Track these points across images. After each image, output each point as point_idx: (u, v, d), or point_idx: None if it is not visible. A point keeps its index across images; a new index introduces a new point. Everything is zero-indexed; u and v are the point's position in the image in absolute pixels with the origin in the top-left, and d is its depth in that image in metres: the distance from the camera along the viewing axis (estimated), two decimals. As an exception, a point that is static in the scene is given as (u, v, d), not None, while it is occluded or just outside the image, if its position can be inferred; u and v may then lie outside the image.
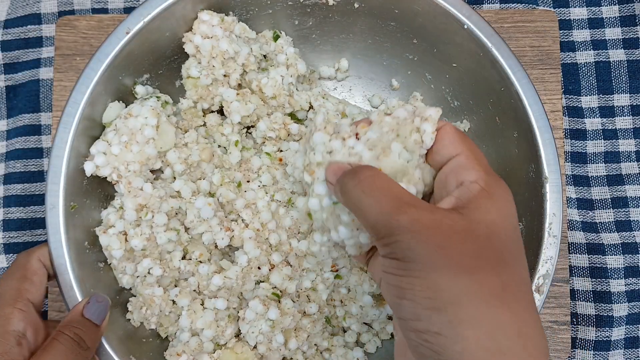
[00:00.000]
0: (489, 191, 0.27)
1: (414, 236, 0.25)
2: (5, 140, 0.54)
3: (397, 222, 0.26)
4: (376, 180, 0.28)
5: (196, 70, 0.45)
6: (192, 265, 0.44)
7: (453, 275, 0.25)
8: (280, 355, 0.43)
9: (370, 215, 0.27)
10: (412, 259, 0.25)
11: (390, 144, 0.31)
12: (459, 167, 0.29)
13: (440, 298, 0.25)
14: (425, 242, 0.25)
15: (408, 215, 0.26)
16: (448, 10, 0.43)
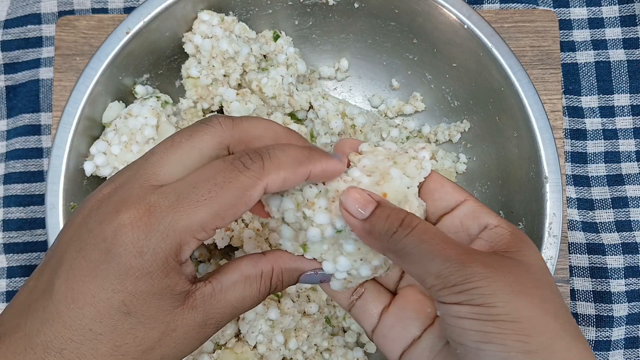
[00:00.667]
0: (518, 235, 0.29)
1: (492, 282, 0.25)
2: (5, 140, 0.54)
3: (470, 269, 0.25)
4: (429, 227, 0.27)
5: (196, 70, 0.45)
6: (192, 265, 0.44)
7: (542, 319, 0.25)
8: (280, 355, 0.43)
9: (434, 265, 0.26)
10: (495, 304, 0.25)
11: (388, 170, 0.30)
12: (474, 212, 0.30)
13: (535, 342, 0.25)
14: (506, 287, 0.25)
15: (479, 261, 0.26)
16: (448, 10, 0.43)
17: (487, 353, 0.25)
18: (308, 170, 0.30)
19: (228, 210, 0.28)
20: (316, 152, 0.31)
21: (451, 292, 0.26)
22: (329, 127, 0.45)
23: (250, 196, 0.28)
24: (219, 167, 0.28)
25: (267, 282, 0.31)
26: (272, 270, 0.31)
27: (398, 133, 0.50)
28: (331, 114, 0.46)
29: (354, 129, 0.46)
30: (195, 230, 0.27)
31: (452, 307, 0.26)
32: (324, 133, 0.46)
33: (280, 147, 0.30)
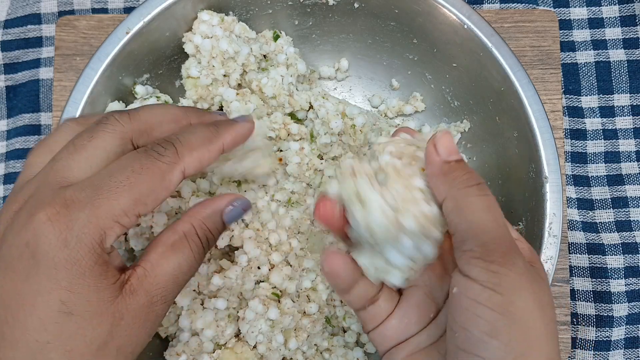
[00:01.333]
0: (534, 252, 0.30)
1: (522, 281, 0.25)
2: (5, 140, 0.54)
3: (513, 259, 0.26)
4: (497, 205, 0.27)
5: (196, 70, 0.45)
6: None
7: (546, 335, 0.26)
8: (280, 355, 0.43)
9: (486, 234, 0.26)
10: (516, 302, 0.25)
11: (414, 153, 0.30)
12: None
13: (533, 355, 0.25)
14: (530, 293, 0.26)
15: (522, 259, 0.26)
16: (448, 10, 0.43)
17: (487, 346, 0.25)
18: (220, 144, 0.32)
19: (149, 196, 0.28)
20: (222, 124, 0.32)
21: (484, 268, 0.25)
22: (329, 127, 0.45)
23: (169, 180, 0.29)
24: (134, 156, 0.29)
25: (194, 239, 0.30)
26: (193, 226, 0.31)
27: (398, 133, 0.50)
28: (331, 114, 0.46)
29: (354, 129, 0.46)
30: (117, 216, 0.27)
31: (475, 287, 0.25)
32: (324, 133, 0.46)
33: (189, 130, 0.31)
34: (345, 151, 0.47)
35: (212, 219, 0.32)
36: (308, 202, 0.46)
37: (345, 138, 0.46)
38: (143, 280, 0.28)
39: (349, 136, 0.46)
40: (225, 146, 0.32)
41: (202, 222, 0.31)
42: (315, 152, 0.46)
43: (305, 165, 0.46)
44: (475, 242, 0.26)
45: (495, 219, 0.26)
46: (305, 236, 0.45)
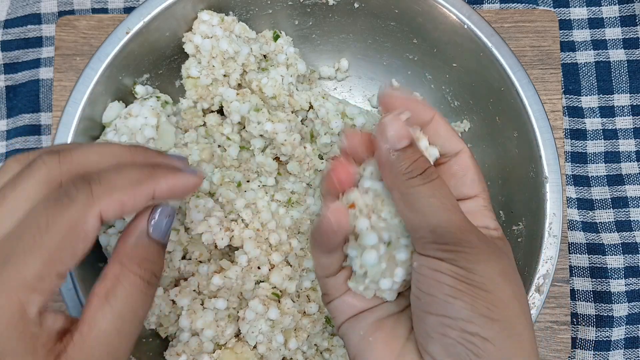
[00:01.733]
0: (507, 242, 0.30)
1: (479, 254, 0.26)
2: (5, 140, 0.54)
3: (466, 236, 0.26)
4: (445, 187, 0.27)
5: (196, 70, 0.45)
6: (192, 265, 0.44)
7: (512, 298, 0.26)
8: (280, 355, 0.43)
9: (433, 219, 0.26)
10: (475, 271, 0.26)
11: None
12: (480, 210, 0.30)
13: (499, 313, 0.26)
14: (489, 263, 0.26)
15: (476, 235, 0.27)
16: (448, 10, 0.43)
17: (453, 306, 0.26)
18: (151, 189, 0.28)
19: (63, 253, 0.25)
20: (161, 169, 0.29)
21: (439, 249, 0.26)
22: (329, 127, 0.45)
23: (83, 230, 0.25)
24: (41, 208, 0.25)
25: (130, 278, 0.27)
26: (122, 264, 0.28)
27: (398, 133, 0.50)
28: (331, 114, 0.46)
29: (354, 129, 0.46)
30: (31, 284, 0.24)
31: (434, 261, 0.26)
32: (324, 133, 0.46)
33: (114, 168, 0.28)
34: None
35: (140, 245, 0.28)
36: (308, 202, 0.46)
37: (345, 138, 0.46)
38: (82, 346, 0.25)
39: (349, 136, 0.46)
40: (157, 193, 0.28)
41: (131, 255, 0.28)
42: (315, 152, 0.46)
43: (305, 165, 0.46)
44: (425, 230, 0.26)
45: (442, 203, 0.27)
46: (305, 236, 0.45)
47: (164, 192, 0.28)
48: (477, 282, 0.26)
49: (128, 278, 0.27)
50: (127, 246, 0.28)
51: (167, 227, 0.29)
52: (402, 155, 0.27)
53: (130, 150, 0.30)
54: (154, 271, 0.28)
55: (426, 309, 0.27)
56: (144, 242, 0.29)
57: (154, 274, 0.28)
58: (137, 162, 0.29)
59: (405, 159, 0.27)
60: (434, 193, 0.27)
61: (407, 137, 0.27)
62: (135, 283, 0.27)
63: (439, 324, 0.26)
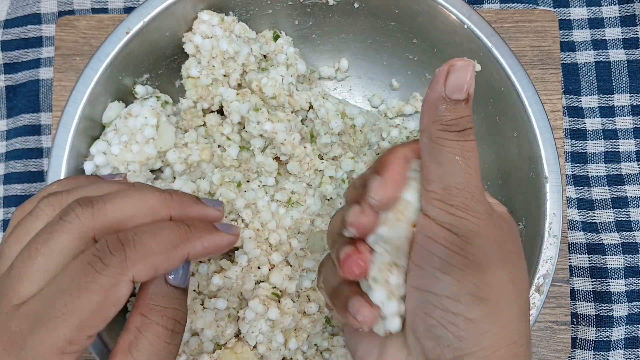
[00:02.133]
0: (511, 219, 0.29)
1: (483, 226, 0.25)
2: (5, 140, 0.54)
3: (474, 205, 0.25)
4: (474, 151, 0.26)
5: (196, 70, 0.45)
6: (192, 265, 0.44)
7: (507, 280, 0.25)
8: (280, 355, 0.43)
9: (450, 177, 0.25)
10: (473, 243, 0.25)
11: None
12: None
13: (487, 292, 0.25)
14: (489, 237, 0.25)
15: (485, 206, 0.26)
16: (448, 10, 0.43)
17: (439, 282, 0.25)
18: (185, 252, 0.27)
19: (94, 318, 0.25)
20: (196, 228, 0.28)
21: (443, 209, 0.25)
22: (329, 127, 0.45)
23: (115, 297, 0.25)
24: (73, 273, 0.25)
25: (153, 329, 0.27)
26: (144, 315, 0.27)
27: (398, 133, 0.50)
28: (331, 114, 0.46)
29: (354, 129, 0.46)
30: (61, 347, 0.25)
31: (433, 226, 0.25)
32: (324, 133, 0.46)
33: (150, 230, 0.27)
34: (345, 151, 0.47)
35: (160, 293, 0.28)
36: (308, 202, 0.46)
37: (345, 138, 0.46)
38: None
39: (349, 136, 0.46)
40: (192, 255, 0.28)
41: (151, 305, 0.27)
42: (315, 152, 0.46)
43: (305, 165, 0.46)
44: (439, 184, 0.25)
45: (466, 164, 0.26)
46: (305, 236, 0.45)
47: (199, 254, 0.28)
48: (471, 254, 0.25)
49: (150, 329, 0.27)
50: (147, 296, 0.28)
51: (185, 272, 0.29)
52: (451, 107, 0.26)
53: (166, 201, 0.29)
54: (177, 318, 0.28)
55: (413, 284, 0.26)
56: (163, 290, 0.28)
57: (177, 321, 0.28)
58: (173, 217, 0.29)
59: (453, 111, 0.26)
60: (462, 153, 0.26)
61: (467, 90, 0.26)
62: (158, 333, 0.27)
63: (424, 300, 0.25)
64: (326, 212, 0.46)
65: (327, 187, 0.47)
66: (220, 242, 0.29)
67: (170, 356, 0.27)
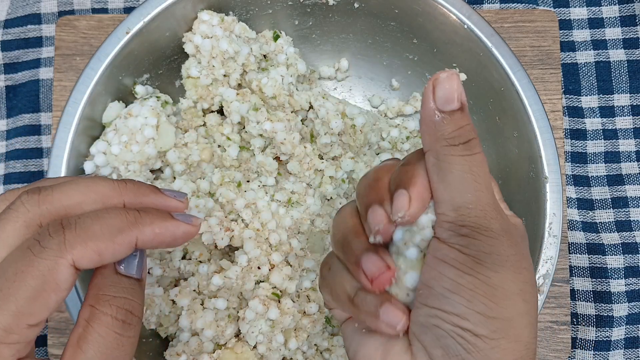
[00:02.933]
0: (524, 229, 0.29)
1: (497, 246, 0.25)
2: (5, 140, 0.54)
3: (488, 222, 0.25)
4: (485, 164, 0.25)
5: (196, 70, 0.45)
6: (192, 265, 0.44)
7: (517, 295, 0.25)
8: (280, 355, 0.43)
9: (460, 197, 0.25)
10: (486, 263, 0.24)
11: None
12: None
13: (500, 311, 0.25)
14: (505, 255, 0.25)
15: (500, 224, 0.25)
16: (448, 10, 0.43)
17: (449, 301, 0.25)
18: (132, 237, 0.26)
19: (33, 304, 0.24)
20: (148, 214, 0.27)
21: (454, 231, 0.25)
22: (329, 127, 0.45)
23: (53, 281, 0.24)
24: (11, 258, 0.24)
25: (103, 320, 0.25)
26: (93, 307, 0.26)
27: (398, 133, 0.50)
28: (331, 114, 0.46)
29: (354, 129, 0.46)
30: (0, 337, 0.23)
31: (443, 248, 0.25)
32: (324, 133, 0.46)
33: (94, 213, 0.26)
34: (345, 151, 0.47)
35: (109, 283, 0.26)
36: (308, 202, 0.46)
37: (345, 138, 0.46)
38: None
39: (349, 136, 0.46)
40: (140, 242, 0.26)
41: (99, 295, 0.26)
42: (315, 152, 0.46)
43: (305, 164, 0.46)
44: (449, 205, 0.25)
45: (475, 181, 0.25)
46: (305, 236, 0.45)
47: (148, 241, 0.26)
48: (482, 275, 0.24)
49: (98, 319, 0.25)
50: (97, 286, 0.26)
51: (139, 261, 0.27)
52: (448, 119, 0.25)
53: (118, 188, 0.28)
54: (129, 308, 0.26)
55: (422, 301, 0.26)
56: (112, 279, 0.27)
57: (128, 311, 0.26)
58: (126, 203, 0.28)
59: (451, 122, 0.25)
60: (470, 168, 0.25)
61: (459, 99, 0.25)
62: (107, 324, 0.25)
63: (433, 316, 0.25)
64: (326, 212, 0.46)
65: (327, 187, 0.47)
66: (174, 231, 0.27)
67: (124, 348, 0.26)
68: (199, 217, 0.28)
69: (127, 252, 0.26)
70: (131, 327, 0.26)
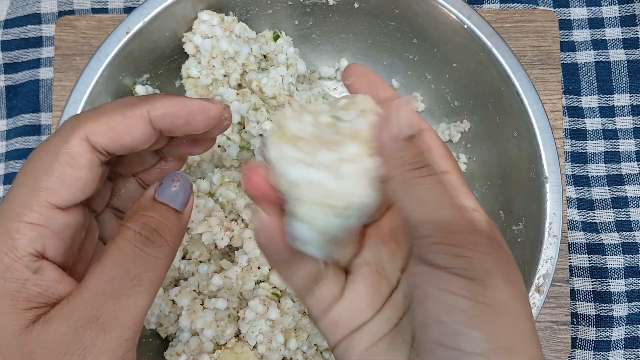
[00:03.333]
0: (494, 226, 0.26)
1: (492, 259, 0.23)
2: (5, 140, 0.54)
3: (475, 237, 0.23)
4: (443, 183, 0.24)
5: (196, 70, 0.45)
6: (192, 265, 0.44)
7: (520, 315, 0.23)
8: (280, 355, 0.43)
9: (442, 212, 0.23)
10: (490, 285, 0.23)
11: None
12: (453, 188, 0.26)
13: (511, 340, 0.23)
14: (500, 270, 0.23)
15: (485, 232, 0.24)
16: (448, 10, 0.43)
17: (466, 339, 0.22)
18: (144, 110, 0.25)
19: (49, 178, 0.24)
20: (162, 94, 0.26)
21: (447, 253, 0.23)
22: (329, 127, 0.45)
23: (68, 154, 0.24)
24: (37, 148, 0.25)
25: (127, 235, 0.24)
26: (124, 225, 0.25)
27: (398, 133, 0.50)
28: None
29: (354, 129, 0.46)
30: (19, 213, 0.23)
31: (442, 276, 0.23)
32: (324, 133, 0.46)
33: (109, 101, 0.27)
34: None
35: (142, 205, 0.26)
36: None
37: (345, 138, 0.46)
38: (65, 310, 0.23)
39: (349, 136, 0.46)
40: (154, 116, 0.25)
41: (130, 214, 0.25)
42: (315, 152, 0.46)
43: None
44: (433, 226, 0.23)
45: (449, 196, 0.24)
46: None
47: (161, 115, 0.25)
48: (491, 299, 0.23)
49: (121, 233, 0.24)
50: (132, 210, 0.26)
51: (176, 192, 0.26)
52: (409, 144, 0.24)
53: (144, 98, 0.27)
54: (155, 227, 0.25)
55: (437, 340, 0.23)
56: (148, 203, 0.26)
57: (154, 230, 0.25)
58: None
59: (412, 148, 0.24)
60: (436, 187, 0.24)
61: (416, 125, 0.24)
62: (129, 236, 0.24)
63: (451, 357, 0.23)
64: (326, 212, 0.46)
65: (327, 187, 0.47)
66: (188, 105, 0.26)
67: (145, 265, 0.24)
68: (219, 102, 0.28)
69: (143, 127, 0.25)
70: (155, 246, 0.25)
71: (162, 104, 0.25)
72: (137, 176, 0.31)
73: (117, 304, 0.23)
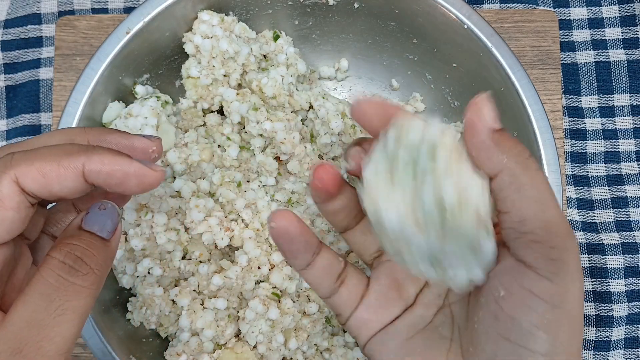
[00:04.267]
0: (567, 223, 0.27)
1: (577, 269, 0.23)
2: (5, 140, 0.54)
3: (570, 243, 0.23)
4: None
5: (196, 70, 0.45)
6: (192, 265, 0.44)
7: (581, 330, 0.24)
8: (280, 355, 0.43)
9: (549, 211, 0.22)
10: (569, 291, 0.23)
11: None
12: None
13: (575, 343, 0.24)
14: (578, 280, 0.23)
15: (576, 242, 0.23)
16: (448, 10, 0.43)
17: (536, 339, 0.23)
18: (79, 163, 0.25)
19: None
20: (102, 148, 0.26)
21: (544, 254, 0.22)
22: (329, 127, 0.45)
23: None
24: None
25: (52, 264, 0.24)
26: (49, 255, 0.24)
27: (398, 133, 0.50)
28: (331, 114, 0.46)
29: (354, 129, 0.46)
30: None
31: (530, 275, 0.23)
32: (324, 133, 0.46)
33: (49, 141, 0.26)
34: (345, 151, 0.47)
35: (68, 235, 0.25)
36: (308, 202, 0.46)
37: (345, 138, 0.46)
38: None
39: (349, 136, 0.46)
40: (87, 171, 0.25)
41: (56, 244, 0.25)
42: (315, 152, 0.46)
43: (305, 164, 0.46)
44: (538, 223, 0.22)
45: (553, 195, 0.23)
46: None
47: (96, 171, 0.25)
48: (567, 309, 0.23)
49: (45, 263, 0.24)
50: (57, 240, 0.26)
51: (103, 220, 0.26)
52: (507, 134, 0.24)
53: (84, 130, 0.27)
54: (81, 256, 0.25)
55: (504, 334, 0.23)
56: (74, 232, 0.26)
57: (79, 258, 0.24)
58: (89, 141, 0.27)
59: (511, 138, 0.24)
60: (544, 182, 0.23)
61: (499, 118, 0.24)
62: (53, 266, 0.24)
63: (513, 352, 0.23)
64: (326, 212, 0.46)
65: (327, 187, 0.47)
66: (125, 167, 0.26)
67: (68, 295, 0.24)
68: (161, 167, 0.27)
69: (74, 179, 0.25)
70: (79, 275, 0.24)
71: (100, 160, 0.25)
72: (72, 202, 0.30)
73: (41, 334, 0.23)
